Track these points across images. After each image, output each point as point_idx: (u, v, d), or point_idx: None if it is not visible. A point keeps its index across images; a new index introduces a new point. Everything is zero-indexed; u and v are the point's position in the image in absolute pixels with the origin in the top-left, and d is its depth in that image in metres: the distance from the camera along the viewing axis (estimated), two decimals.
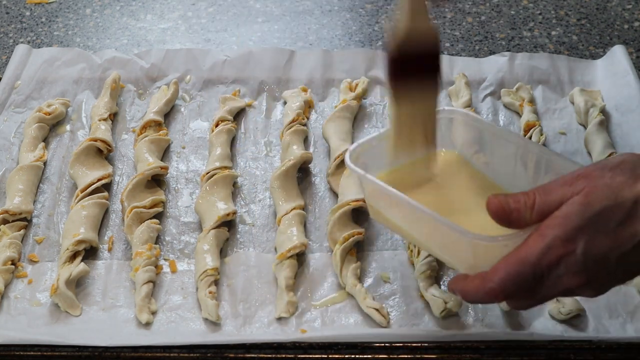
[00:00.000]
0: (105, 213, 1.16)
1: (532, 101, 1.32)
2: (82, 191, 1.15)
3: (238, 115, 1.32)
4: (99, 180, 1.17)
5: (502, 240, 0.82)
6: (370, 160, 0.98)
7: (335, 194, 1.19)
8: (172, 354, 0.98)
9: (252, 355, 0.98)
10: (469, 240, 0.84)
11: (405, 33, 0.92)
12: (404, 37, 0.92)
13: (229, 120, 1.28)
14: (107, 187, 1.19)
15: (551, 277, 0.80)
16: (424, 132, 0.98)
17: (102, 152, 1.23)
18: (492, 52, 1.45)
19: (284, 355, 0.98)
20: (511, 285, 0.81)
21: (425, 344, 0.99)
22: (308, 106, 1.33)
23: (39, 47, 1.46)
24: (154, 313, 1.04)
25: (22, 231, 1.13)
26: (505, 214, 0.82)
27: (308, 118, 1.32)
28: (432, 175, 1.00)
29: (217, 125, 1.27)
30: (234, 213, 1.14)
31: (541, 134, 1.23)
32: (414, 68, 0.94)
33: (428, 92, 0.97)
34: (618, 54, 1.38)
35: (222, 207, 1.13)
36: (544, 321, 1.02)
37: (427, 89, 0.96)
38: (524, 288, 0.81)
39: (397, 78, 0.95)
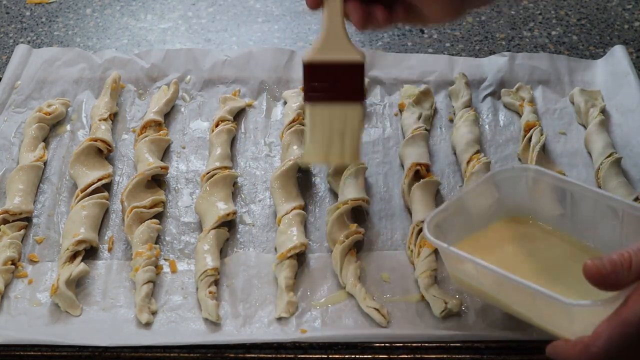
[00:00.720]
0: (106, 213, 1.16)
1: (532, 101, 1.32)
2: (82, 191, 1.15)
3: (238, 115, 1.32)
4: (99, 180, 1.17)
5: (602, 305, 0.83)
6: (448, 228, 0.99)
7: (335, 194, 1.19)
8: (172, 354, 0.98)
9: (252, 356, 0.98)
10: (568, 308, 0.85)
11: (321, 45, 0.95)
12: (319, 48, 0.95)
13: (229, 120, 1.28)
14: (107, 187, 1.19)
15: None
16: (340, 143, 0.98)
17: (102, 152, 1.23)
18: (492, 52, 1.45)
19: (284, 355, 0.98)
20: (614, 348, 0.81)
21: (426, 344, 0.99)
22: None
23: (39, 47, 1.46)
24: (154, 313, 1.04)
25: (22, 231, 1.13)
26: (602, 278, 0.82)
27: None
28: (510, 242, 1.01)
29: (217, 125, 1.27)
30: (234, 213, 1.14)
31: (541, 134, 1.23)
32: (330, 82, 0.95)
33: (348, 107, 0.97)
34: (618, 54, 1.38)
35: (222, 207, 1.13)
36: None
37: (347, 103, 0.97)
38: (629, 349, 0.81)
39: (311, 89, 0.96)
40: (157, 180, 1.21)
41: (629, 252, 0.82)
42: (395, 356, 0.98)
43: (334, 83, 0.96)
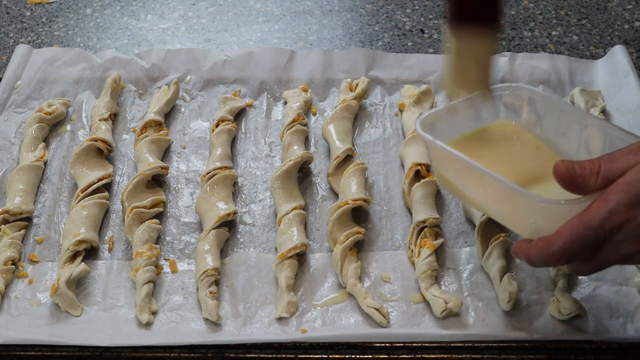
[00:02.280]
0: (106, 213, 1.16)
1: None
2: (82, 191, 1.15)
3: (238, 115, 1.32)
4: (99, 180, 1.17)
5: (567, 204, 0.86)
6: (439, 130, 1.01)
7: (335, 194, 1.19)
8: (172, 354, 0.98)
9: (253, 356, 0.98)
10: (535, 204, 0.88)
11: None
12: None
13: (229, 120, 1.28)
14: (107, 187, 1.19)
15: (612, 242, 0.83)
16: (477, 71, 1.03)
17: (103, 152, 1.23)
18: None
19: (284, 355, 0.98)
20: (574, 248, 0.84)
21: (426, 344, 0.99)
22: (309, 108, 1.33)
23: (40, 47, 1.46)
24: (154, 313, 1.04)
25: (22, 231, 1.13)
26: (571, 179, 0.85)
27: (314, 114, 1.32)
28: (497, 144, 1.03)
29: (217, 125, 1.27)
30: (235, 213, 1.14)
31: None
32: (473, 8, 0.99)
33: (486, 35, 1.00)
34: (618, 54, 1.38)
35: (222, 207, 1.13)
36: (544, 321, 1.02)
37: (485, 31, 1.00)
38: (586, 251, 0.84)
39: (456, 16, 0.99)
40: (157, 180, 1.21)
41: (600, 160, 0.85)
42: (396, 356, 0.98)
43: (477, 6, 0.99)
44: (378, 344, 0.99)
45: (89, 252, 1.11)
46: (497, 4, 1.00)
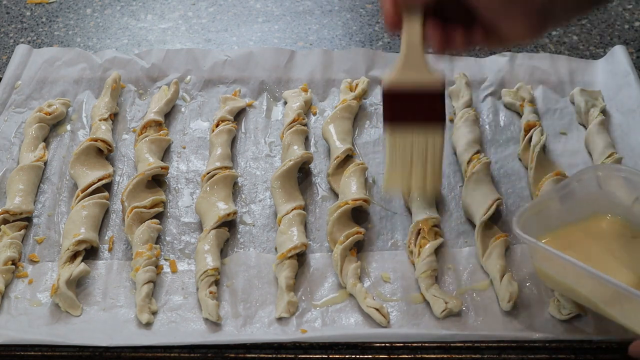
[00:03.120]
0: (106, 213, 1.16)
1: (532, 101, 1.32)
2: (82, 191, 1.15)
3: (238, 115, 1.32)
4: (99, 180, 1.17)
5: None
6: (535, 224, 1.00)
7: (335, 194, 1.19)
8: (172, 354, 0.98)
9: (253, 356, 0.98)
10: None
11: (399, 72, 0.94)
12: (398, 75, 0.95)
13: (229, 120, 1.28)
14: (107, 187, 1.19)
15: None
16: (421, 169, 0.99)
17: (103, 152, 1.23)
18: (492, 52, 1.45)
19: (284, 356, 0.98)
20: None
21: (426, 344, 0.99)
22: (309, 108, 1.33)
23: (40, 47, 1.46)
24: (154, 313, 1.04)
25: (22, 231, 1.13)
26: None
27: (314, 114, 1.32)
28: (597, 239, 1.02)
29: (217, 125, 1.27)
30: (235, 213, 1.14)
31: (542, 134, 1.23)
32: (409, 107, 0.95)
33: (428, 132, 0.97)
34: (618, 54, 1.38)
35: (222, 207, 1.13)
36: (544, 321, 1.02)
37: (427, 129, 0.97)
38: None
39: (391, 115, 0.96)
40: (157, 180, 1.21)
41: None
42: (396, 356, 0.98)
43: (413, 107, 0.95)
44: (378, 344, 0.99)
45: (89, 252, 1.11)
46: (436, 107, 0.96)
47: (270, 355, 0.98)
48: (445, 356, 0.98)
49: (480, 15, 0.91)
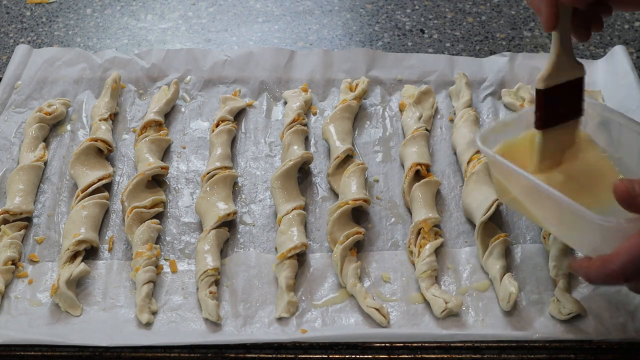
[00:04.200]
0: (106, 213, 1.16)
1: (532, 101, 1.32)
2: (82, 191, 1.15)
3: (238, 115, 1.32)
4: (99, 180, 1.17)
5: (626, 223, 0.86)
6: (494, 142, 1.02)
7: (335, 194, 1.19)
8: (172, 354, 0.98)
9: (253, 356, 0.98)
10: (595, 223, 0.88)
11: (553, 68, 0.97)
12: (552, 71, 0.97)
13: (229, 120, 1.28)
14: (107, 187, 1.19)
15: None
16: (562, 155, 1.02)
17: (103, 152, 1.23)
18: (492, 52, 1.45)
19: (284, 356, 0.98)
20: (632, 267, 0.85)
21: (426, 344, 0.99)
22: (309, 108, 1.33)
23: (40, 47, 1.46)
24: (154, 313, 1.04)
25: (22, 231, 1.13)
26: (630, 198, 0.85)
27: (314, 114, 1.32)
28: (556, 151, 1.02)
29: (217, 125, 1.27)
30: (235, 213, 1.14)
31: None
32: (559, 100, 0.99)
33: (570, 121, 1.01)
34: (619, 54, 1.38)
35: (222, 207, 1.13)
36: (545, 321, 1.02)
37: (570, 117, 1.01)
38: None
39: (545, 110, 0.99)
40: (157, 180, 1.21)
41: None
42: (396, 356, 0.98)
43: (563, 103, 0.99)
44: (378, 344, 0.99)
45: (89, 252, 1.11)
46: (579, 100, 1.00)
47: (270, 355, 0.98)
48: (445, 356, 0.98)
49: None
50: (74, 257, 1.08)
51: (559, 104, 0.99)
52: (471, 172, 1.17)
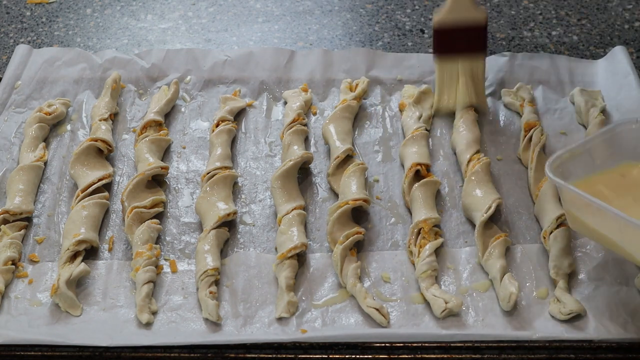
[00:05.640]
0: (106, 213, 1.16)
1: (532, 101, 1.32)
2: (82, 191, 1.15)
3: (238, 115, 1.32)
4: (99, 180, 1.17)
5: None
6: (570, 170, 1.02)
7: (335, 194, 1.19)
8: (172, 354, 0.98)
9: (253, 355, 0.98)
10: None
11: (449, 10, 1.18)
12: (447, 14, 1.18)
13: (229, 120, 1.28)
14: (107, 187, 1.19)
15: None
16: (467, 86, 1.21)
17: (103, 152, 1.23)
18: (492, 52, 1.45)
19: (284, 355, 0.98)
20: None
21: (426, 344, 0.99)
22: (309, 108, 1.33)
23: (40, 47, 1.46)
24: (154, 313, 1.04)
25: (22, 231, 1.13)
26: None
27: (314, 114, 1.32)
28: (632, 187, 1.03)
29: (217, 125, 1.27)
30: (235, 213, 1.14)
31: (542, 134, 1.23)
32: (456, 40, 1.18)
33: (472, 60, 1.21)
34: (619, 55, 1.38)
35: (222, 207, 1.13)
36: (545, 321, 1.02)
37: (471, 57, 1.21)
38: None
39: (440, 48, 1.21)
40: (157, 180, 1.21)
41: None
42: (396, 356, 0.98)
43: (461, 39, 1.18)
44: (378, 344, 0.99)
45: (89, 252, 1.11)
46: (479, 38, 1.18)
47: (270, 355, 0.98)
48: (445, 356, 0.98)
49: None
50: (74, 257, 1.08)
51: (457, 41, 1.18)
52: (471, 172, 1.17)
